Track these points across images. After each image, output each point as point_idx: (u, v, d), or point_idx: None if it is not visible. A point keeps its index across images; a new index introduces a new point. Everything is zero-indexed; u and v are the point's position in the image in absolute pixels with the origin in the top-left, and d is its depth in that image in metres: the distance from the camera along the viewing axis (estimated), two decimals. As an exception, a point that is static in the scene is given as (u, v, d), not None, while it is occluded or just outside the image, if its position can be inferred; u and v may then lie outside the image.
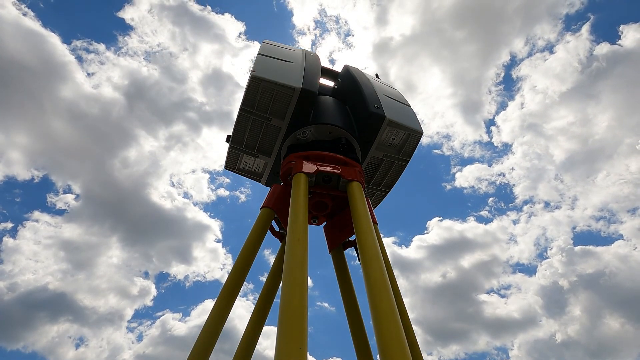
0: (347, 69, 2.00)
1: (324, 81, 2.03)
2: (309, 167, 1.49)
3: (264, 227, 1.49)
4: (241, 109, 1.67)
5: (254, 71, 1.61)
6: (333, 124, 1.65)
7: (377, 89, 1.84)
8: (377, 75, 2.16)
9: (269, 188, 1.65)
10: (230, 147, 1.83)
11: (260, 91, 1.62)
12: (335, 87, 2.02)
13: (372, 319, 1.02)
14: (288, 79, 1.62)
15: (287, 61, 1.74)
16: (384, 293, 1.06)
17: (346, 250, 1.66)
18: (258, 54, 1.74)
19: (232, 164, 1.93)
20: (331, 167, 1.51)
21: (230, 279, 1.34)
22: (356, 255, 1.56)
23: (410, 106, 1.91)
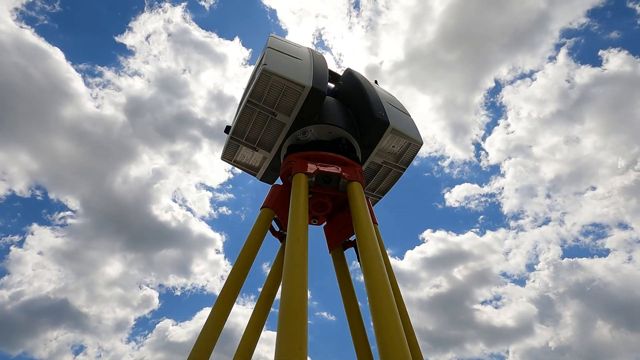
0: (350, 72, 2.00)
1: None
2: (309, 167, 1.49)
3: (264, 227, 1.49)
4: (247, 101, 1.64)
5: (265, 64, 1.57)
6: (336, 125, 1.65)
7: (381, 95, 1.84)
8: (375, 82, 2.16)
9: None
10: (230, 138, 1.81)
11: (270, 85, 1.60)
12: (336, 88, 2.02)
13: (372, 319, 1.02)
14: (299, 76, 1.60)
15: (297, 58, 1.72)
16: (384, 293, 1.06)
17: (346, 250, 1.65)
18: (268, 47, 1.70)
19: (230, 155, 1.91)
20: (331, 167, 1.51)
21: (231, 279, 1.34)
22: (356, 255, 1.55)
23: (410, 115, 1.93)
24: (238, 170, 1.95)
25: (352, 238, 1.62)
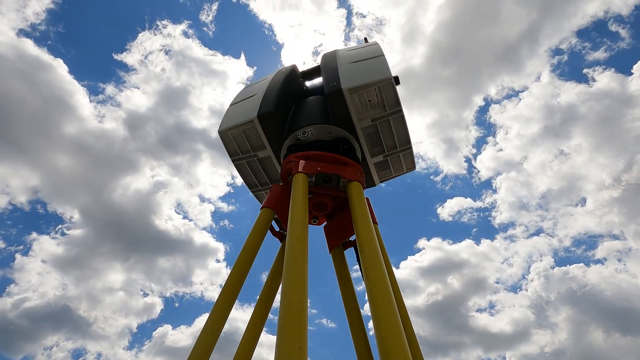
0: (321, 60, 1.93)
1: (319, 80, 2.00)
2: (308, 167, 1.49)
3: (264, 227, 1.49)
4: (232, 160, 1.84)
5: (219, 127, 1.79)
6: (310, 124, 1.63)
7: (342, 60, 1.75)
8: (365, 40, 2.13)
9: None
10: (252, 192, 1.97)
11: (233, 139, 1.78)
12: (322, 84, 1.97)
13: (372, 319, 1.02)
14: (246, 115, 1.73)
15: (250, 97, 1.83)
16: (384, 293, 1.06)
17: (346, 250, 1.65)
18: (229, 105, 1.88)
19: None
20: (331, 167, 1.51)
21: (231, 279, 1.34)
22: (356, 255, 1.55)
23: (379, 56, 1.74)
24: (238, 183, 2.09)
25: (352, 238, 1.61)
